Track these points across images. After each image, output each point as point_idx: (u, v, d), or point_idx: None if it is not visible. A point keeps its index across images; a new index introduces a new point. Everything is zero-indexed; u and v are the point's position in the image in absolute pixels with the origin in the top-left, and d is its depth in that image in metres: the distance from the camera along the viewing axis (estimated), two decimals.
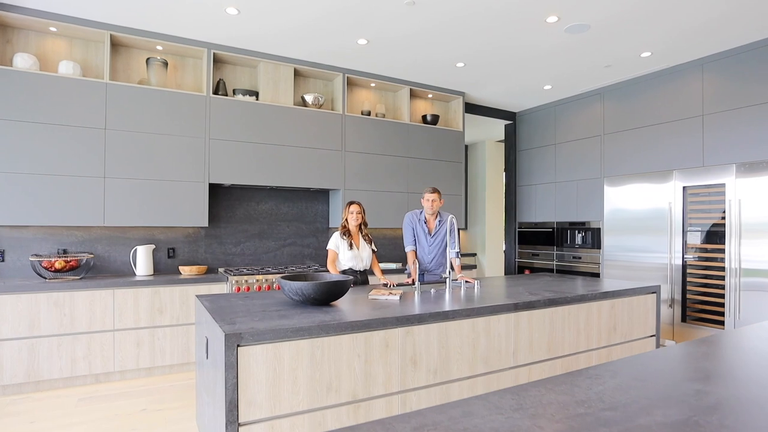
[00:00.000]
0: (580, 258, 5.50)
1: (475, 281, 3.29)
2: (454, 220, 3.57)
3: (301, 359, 1.96)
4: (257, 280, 4.03)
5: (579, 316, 2.95)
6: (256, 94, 4.38)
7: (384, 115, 5.08)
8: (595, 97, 5.38)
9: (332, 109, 4.90)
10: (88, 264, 3.77)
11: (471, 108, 5.89)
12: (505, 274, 6.57)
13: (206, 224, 4.08)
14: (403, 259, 5.41)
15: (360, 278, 3.51)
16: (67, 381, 3.42)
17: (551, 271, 5.86)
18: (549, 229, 5.92)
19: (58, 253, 3.79)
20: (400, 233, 5.44)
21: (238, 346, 1.83)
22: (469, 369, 2.44)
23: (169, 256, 4.22)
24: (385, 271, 4.67)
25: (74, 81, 3.62)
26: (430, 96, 5.50)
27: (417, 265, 3.68)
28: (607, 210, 5.17)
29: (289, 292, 2.37)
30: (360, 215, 3.48)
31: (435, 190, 3.63)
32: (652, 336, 3.43)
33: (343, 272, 3.49)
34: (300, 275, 2.67)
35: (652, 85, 4.81)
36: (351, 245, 3.43)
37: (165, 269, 4.21)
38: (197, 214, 4.05)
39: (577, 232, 5.57)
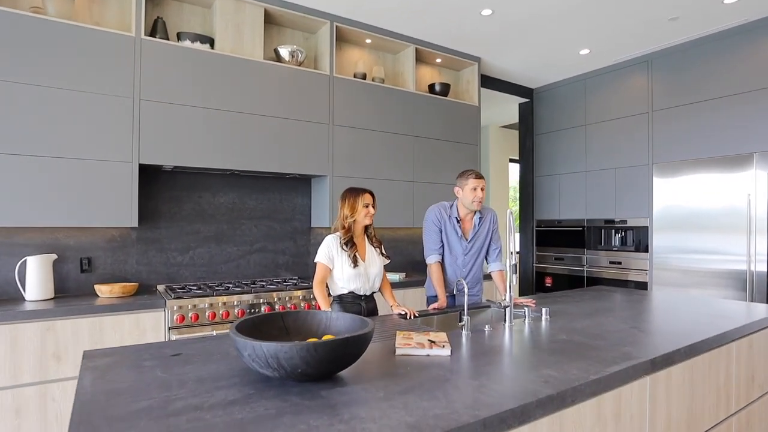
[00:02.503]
0: (620, 263, 4.49)
1: (544, 309, 2.17)
2: (497, 218, 2.46)
3: None
4: (210, 305, 2.81)
5: (719, 366, 1.88)
6: (210, 41, 3.14)
7: (383, 81, 3.91)
8: (640, 66, 4.36)
9: (316, 68, 3.70)
10: None
11: (484, 80, 4.79)
12: (520, 282, 5.52)
13: (135, 224, 2.82)
14: (408, 268, 4.26)
15: (366, 307, 2.33)
16: None
17: (580, 279, 4.83)
18: (577, 228, 4.89)
19: None
20: (402, 234, 4.28)
21: None
22: None
23: (83, 270, 2.94)
24: None
25: None
26: (438, 61, 4.37)
27: (441, 282, 2.54)
28: (657, 204, 4.16)
29: (253, 361, 1.18)
30: (374, 211, 2.31)
31: (481, 175, 2.51)
32: None
33: (340, 299, 2.30)
34: (270, 317, 1.49)
35: (719, 48, 3.81)
36: (355, 259, 2.24)
37: (76, 289, 2.92)
38: (122, 210, 2.79)
39: (615, 232, 4.56)
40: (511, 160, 7.14)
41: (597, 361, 1.46)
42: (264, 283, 3.24)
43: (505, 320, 2.00)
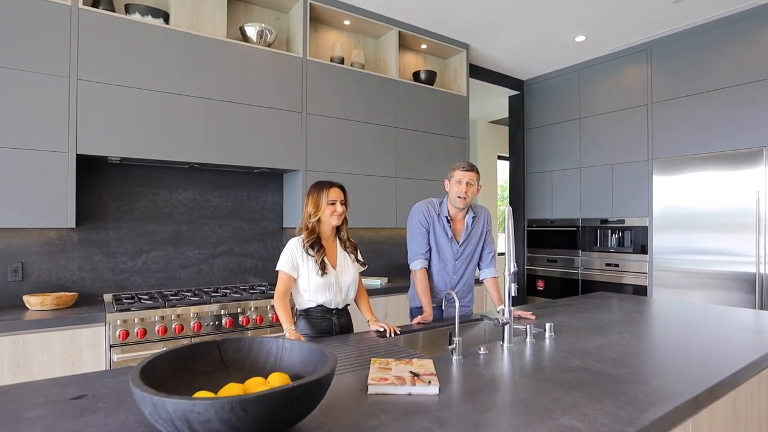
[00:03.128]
0: (616, 266, 4.21)
1: (547, 324, 1.84)
2: (491, 218, 2.14)
3: None
4: (161, 318, 2.42)
5: (760, 395, 1.57)
6: (164, 15, 2.75)
7: (363, 67, 3.56)
8: (639, 55, 4.08)
9: (288, 50, 3.33)
10: None
11: (471, 71, 4.46)
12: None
13: (72, 224, 2.42)
14: (391, 272, 3.92)
15: (338, 322, 1.97)
16: None
17: (574, 282, 4.55)
18: (571, 229, 4.60)
19: None
20: (384, 235, 3.94)
21: None
22: None
23: (12, 278, 2.53)
24: None
25: None
26: (423, 47, 4.03)
27: (428, 291, 2.20)
28: (657, 203, 3.89)
29: (157, 422, 0.82)
30: (344, 208, 1.96)
31: (473, 167, 2.17)
32: None
33: (307, 314, 1.94)
34: (203, 348, 1.13)
35: (724, 34, 3.55)
36: (323, 266, 1.88)
37: (2, 300, 2.51)
38: (56, 208, 2.39)
39: (611, 232, 4.28)
40: (500, 157, 6.85)
41: (627, 402, 1.13)
42: (227, 291, 2.86)
43: (503, 340, 1.66)
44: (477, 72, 4.60)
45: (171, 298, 2.64)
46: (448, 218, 2.23)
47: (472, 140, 6.53)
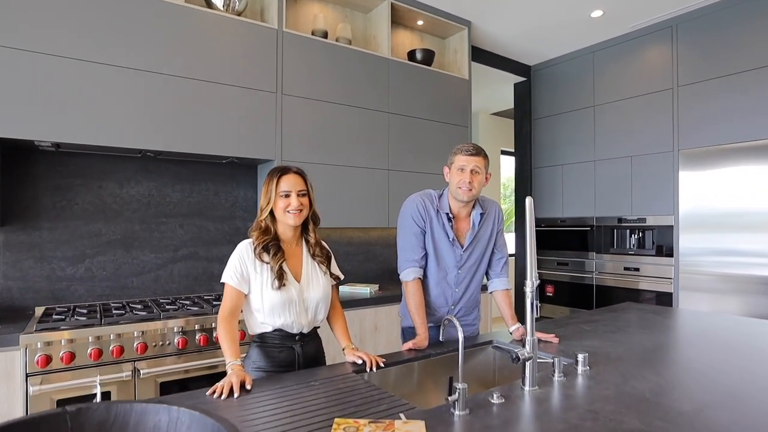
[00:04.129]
0: (636, 270, 3.75)
1: (580, 355, 1.38)
2: (502, 214, 1.69)
3: None
4: (97, 338, 1.97)
5: None
6: None
7: (350, 43, 3.10)
8: (662, 33, 3.63)
9: (262, 20, 2.87)
10: None
11: (473, 54, 4.01)
12: (516, 287, 4.76)
13: None
14: (383, 279, 3.46)
15: (302, 352, 1.51)
16: None
17: (588, 288, 4.09)
18: (584, 228, 4.15)
19: None
20: (375, 235, 3.48)
21: None
22: None
23: None
24: (350, 302, 2.70)
25: None
26: (420, 24, 3.57)
27: (422, 308, 1.73)
28: (684, 199, 3.44)
29: None
30: (305, 201, 1.51)
31: (480, 150, 1.72)
32: None
33: (262, 340, 1.49)
34: (47, 419, 0.67)
35: (759, 7, 3.09)
36: (281, 275, 1.43)
37: None
38: None
39: (630, 232, 3.83)
40: (504, 152, 6.40)
41: None
42: (186, 303, 2.41)
43: (524, 381, 1.21)
44: (480, 55, 4.14)
45: (115, 312, 2.19)
46: (450, 215, 1.78)
47: (474, 134, 6.07)
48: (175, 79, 2.38)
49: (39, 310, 2.27)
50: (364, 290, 2.93)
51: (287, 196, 1.46)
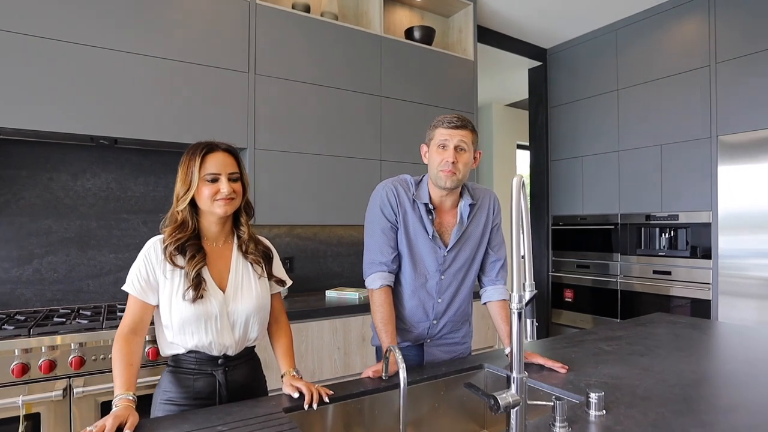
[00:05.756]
0: (668, 273, 3.30)
1: (593, 395, 1.00)
2: (499, 205, 1.34)
3: None
4: (25, 350, 1.69)
5: None
6: None
7: (336, 18, 2.77)
8: (696, 4, 3.17)
9: None
10: None
11: (482, 34, 3.63)
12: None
13: None
14: None
15: (228, 380, 1.17)
16: None
17: (612, 293, 3.65)
18: (607, 227, 3.71)
19: None
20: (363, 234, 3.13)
21: None
22: None
23: None
24: (336, 309, 2.37)
25: None
26: (419, 0, 3.22)
27: (391, 323, 1.37)
28: (724, 193, 2.98)
29: None
30: (238, 187, 1.18)
31: (465, 123, 1.36)
32: None
33: (176, 365, 1.17)
34: None
35: None
36: (198, 284, 1.11)
37: None
38: None
39: (660, 231, 3.38)
40: (520, 146, 5.97)
41: None
42: None
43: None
44: (489, 37, 3.76)
45: (56, 320, 1.90)
46: (429, 206, 1.42)
47: (487, 127, 5.67)
48: (132, 56, 2.09)
49: None
50: (353, 295, 2.59)
51: (215, 180, 1.14)
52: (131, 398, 0.99)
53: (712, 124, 3.07)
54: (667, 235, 3.34)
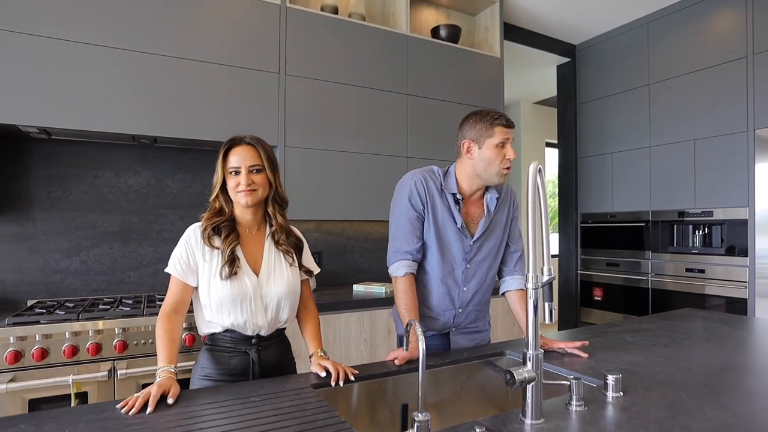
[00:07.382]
0: (702, 271, 3.22)
1: (611, 377, 1.02)
2: (517, 200, 1.37)
3: None
4: (74, 333, 1.82)
5: None
6: None
7: (363, 19, 2.84)
8: None
9: None
10: None
11: (509, 32, 3.63)
12: (560, 291, 4.30)
13: None
14: None
15: (261, 358, 1.25)
16: None
17: (643, 292, 3.58)
18: (638, 224, 3.64)
19: None
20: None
21: None
22: None
23: None
24: (364, 302, 2.43)
25: None
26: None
27: (414, 309, 1.42)
28: (761, 189, 2.89)
29: None
30: (260, 179, 1.25)
31: (510, 122, 1.41)
32: None
33: (213, 343, 1.25)
34: None
35: None
36: (232, 261, 1.19)
37: None
38: None
39: (694, 228, 3.29)
40: (549, 144, 5.90)
41: None
42: None
43: (524, 413, 0.88)
44: (516, 34, 3.75)
45: (101, 307, 2.04)
46: (458, 197, 1.46)
47: (516, 125, 5.62)
48: (170, 59, 2.22)
49: (31, 304, 2.17)
50: (380, 289, 2.65)
51: (237, 173, 1.22)
52: (173, 370, 1.07)
53: (748, 118, 2.98)
54: (700, 232, 3.26)
